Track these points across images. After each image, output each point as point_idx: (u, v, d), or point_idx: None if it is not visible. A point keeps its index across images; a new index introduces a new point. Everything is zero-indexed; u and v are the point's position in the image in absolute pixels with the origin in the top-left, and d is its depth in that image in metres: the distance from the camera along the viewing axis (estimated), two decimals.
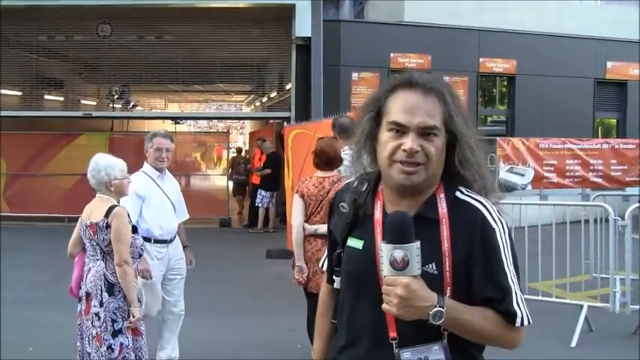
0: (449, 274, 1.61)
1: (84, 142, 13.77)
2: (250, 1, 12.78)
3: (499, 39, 13.88)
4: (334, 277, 1.89)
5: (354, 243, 1.76)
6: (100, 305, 3.66)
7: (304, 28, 12.17)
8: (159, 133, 4.92)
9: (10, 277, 7.82)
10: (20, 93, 14.46)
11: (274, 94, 15.72)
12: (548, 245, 6.26)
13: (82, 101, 15.95)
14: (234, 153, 18.07)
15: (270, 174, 12.76)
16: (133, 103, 17.84)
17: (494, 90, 15.19)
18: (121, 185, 3.90)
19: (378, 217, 1.72)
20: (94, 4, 12.40)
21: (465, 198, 1.69)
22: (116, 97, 15.85)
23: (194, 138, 17.96)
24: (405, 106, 1.65)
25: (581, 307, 5.82)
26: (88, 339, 3.70)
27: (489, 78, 14.78)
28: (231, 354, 5.22)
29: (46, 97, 14.90)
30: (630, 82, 15.02)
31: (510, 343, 1.66)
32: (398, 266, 1.51)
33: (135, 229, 3.92)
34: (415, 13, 13.46)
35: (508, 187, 12.41)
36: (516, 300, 1.62)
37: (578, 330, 5.63)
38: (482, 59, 13.93)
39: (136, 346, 3.75)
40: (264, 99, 17.62)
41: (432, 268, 1.60)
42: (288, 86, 13.43)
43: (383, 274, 1.55)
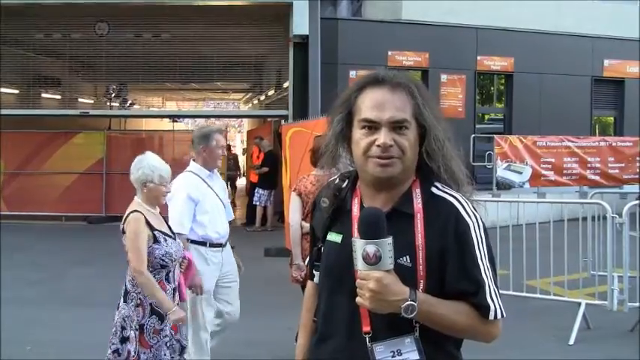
0: (422, 267, 1.64)
1: (81, 141, 13.69)
2: None
3: (497, 37, 13.85)
4: (314, 272, 1.92)
5: (333, 237, 1.79)
6: (117, 308, 3.59)
7: (302, 26, 12.14)
8: (214, 129, 4.60)
9: (8, 276, 7.79)
10: (17, 91, 14.43)
11: (272, 92, 15.69)
12: (545, 243, 6.26)
13: (80, 99, 15.88)
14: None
15: (268, 172, 12.74)
16: (130, 101, 17.83)
17: (491, 88, 15.18)
18: (156, 191, 3.60)
19: (355, 212, 1.75)
20: (91, 2, 12.35)
21: (440, 194, 1.72)
22: (113, 95, 15.84)
23: (192, 136, 17.89)
24: (375, 103, 1.68)
25: (579, 304, 5.83)
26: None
27: (487, 76, 14.78)
28: (230, 352, 5.21)
29: (44, 95, 14.84)
30: (628, 79, 15.03)
31: (486, 336, 1.68)
32: (370, 261, 1.55)
33: (156, 238, 3.58)
34: (413, 10, 13.43)
35: (506, 185, 12.45)
36: (489, 293, 1.64)
37: (576, 327, 5.63)
38: (479, 57, 13.91)
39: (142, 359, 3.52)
40: (261, 97, 17.59)
41: (406, 260, 1.64)
42: (285, 84, 13.39)
43: (356, 268, 1.58)
